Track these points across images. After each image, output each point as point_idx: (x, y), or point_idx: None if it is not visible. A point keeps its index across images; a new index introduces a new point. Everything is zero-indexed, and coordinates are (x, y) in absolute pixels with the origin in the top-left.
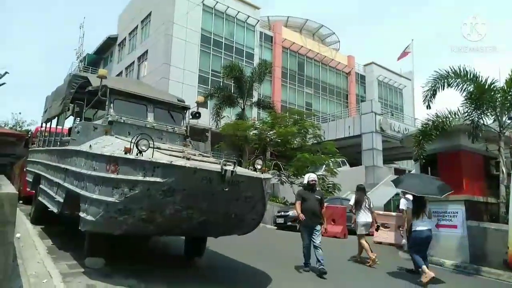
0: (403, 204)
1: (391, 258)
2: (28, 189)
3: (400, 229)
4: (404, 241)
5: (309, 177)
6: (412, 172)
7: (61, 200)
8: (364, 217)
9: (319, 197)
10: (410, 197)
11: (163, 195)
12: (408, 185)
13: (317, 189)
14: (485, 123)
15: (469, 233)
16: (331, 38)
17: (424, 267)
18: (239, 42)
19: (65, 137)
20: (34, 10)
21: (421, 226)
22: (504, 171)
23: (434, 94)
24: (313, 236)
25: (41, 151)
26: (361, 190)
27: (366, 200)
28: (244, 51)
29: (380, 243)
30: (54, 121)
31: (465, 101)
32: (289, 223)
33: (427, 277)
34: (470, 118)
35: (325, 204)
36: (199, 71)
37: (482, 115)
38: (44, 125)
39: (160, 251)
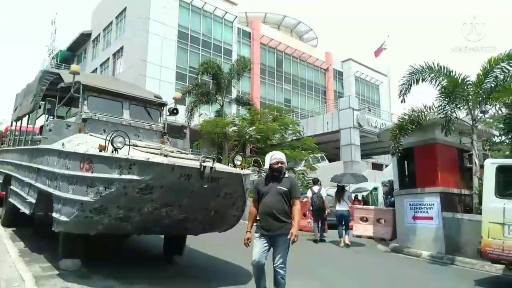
0: (309, 193)
1: (368, 250)
2: None
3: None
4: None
5: (272, 157)
6: (343, 173)
7: (33, 201)
8: None
9: (285, 189)
10: (317, 187)
11: (140, 193)
12: (336, 179)
13: (287, 176)
14: (458, 117)
15: (444, 224)
16: (309, 35)
17: (341, 238)
18: (216, 38)
19: (36, 135)
20: (2, 3)
21: (339, 207)
22: (477, 163)
23: (409, 88)
24: (274, 253)
25: (12, 150)
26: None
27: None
28: (222, 47)
29: (359, 236)
30: (25, 120)
31: (439, 95)
32: None
33: (342, 243)
34: (444, 112)
35: (303, 198)
36: (176, 68)
37: (455, 109)
38: (14, 124)
39: (138, 251)
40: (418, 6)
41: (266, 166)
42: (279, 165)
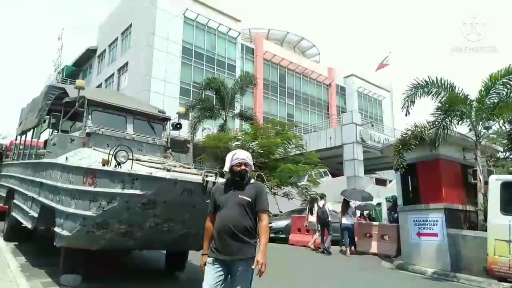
0: (316, 207)
1: (372, 267)
2: (1, 205)
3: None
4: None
5: (234, 157)
6: (352, 189)
7: (36, 215)
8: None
9: (249, 199)
10: (322, 202)
11: (142, 208)
12: (345, 194)
13: (252, 182)
14: (452, 132)
15: (449, 241)
16: (311, 51)
17: (347, 248)
18: (220, 54)
19: (40, 150)
20: (10, 20)
21: (344, 221)
22: (481, 179)
23: (412, 102)
24: (231, 286)
25: (15, 164)
26: (313, 200)
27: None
28: (226, 63)
29: (363, 253)
30: (30, 134)
31: (436, 110)
32: (272, 235)
33: (348, 253)
34: (435, 127)
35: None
36: (180, 83)
37: (449, 125)
38: (19, 138)
39: (140, 266)
40: (420, 21)
41: (226, 168)
42: (242, 167)
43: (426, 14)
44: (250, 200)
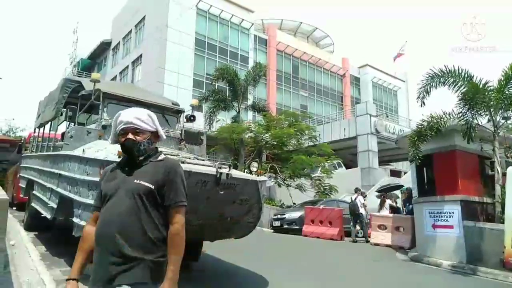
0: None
1: (387, 259)
2: (21, 195)
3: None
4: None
5: (118, 120)
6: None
7: (54, 206)
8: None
9: (149, 185)
10: (354, 196)
11: None
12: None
13: (161, 158)
14: (479, 123)
15: (465, 233)
16: (325, 41)
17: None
18: (233, 46)
19: (58, 142)
20: (27, 14)
21: (381, 213)
22: (499, 170)
23: (428, 92)
24: None
25: (34, 156)
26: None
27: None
28: (239, 55)
29: (378, 244)
30: (47, 126)
31: (459, 101)
32: (286, 226)
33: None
34: (465, 118)
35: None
36: (193, 75)
37: (476, 115)
38: (37, 130)
39: None
40: (435, 10)
41: (110, 140)
42: (128, 136)
43: (441, 3)
44: (151, 187)
